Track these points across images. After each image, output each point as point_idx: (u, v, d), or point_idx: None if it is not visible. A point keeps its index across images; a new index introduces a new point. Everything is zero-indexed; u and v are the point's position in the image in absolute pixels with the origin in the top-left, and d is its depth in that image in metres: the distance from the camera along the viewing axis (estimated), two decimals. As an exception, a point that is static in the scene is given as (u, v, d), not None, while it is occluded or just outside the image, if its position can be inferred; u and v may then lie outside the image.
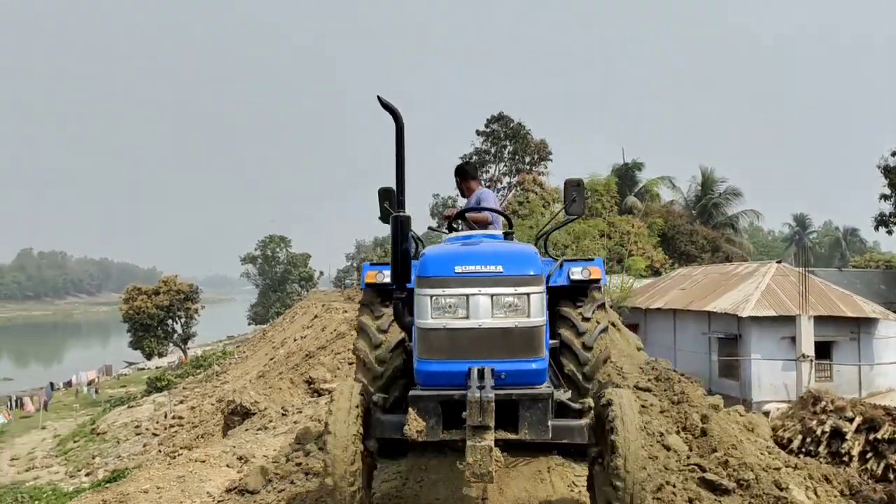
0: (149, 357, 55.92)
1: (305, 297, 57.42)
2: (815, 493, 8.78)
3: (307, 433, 7.78)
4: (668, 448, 8.01)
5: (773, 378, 25.78)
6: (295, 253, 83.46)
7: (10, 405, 44.27)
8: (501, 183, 49.28)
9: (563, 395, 5.03)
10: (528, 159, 48.89)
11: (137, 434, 29.16)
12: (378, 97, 4.81)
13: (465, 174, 7.29)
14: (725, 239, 50.64)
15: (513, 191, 48.46)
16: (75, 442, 32.28)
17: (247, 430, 9.92)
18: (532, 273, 4.65)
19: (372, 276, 5.49)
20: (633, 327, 36.01)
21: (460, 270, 4.57)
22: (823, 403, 17.74)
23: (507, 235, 5.88)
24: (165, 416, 28.22)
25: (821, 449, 17.00)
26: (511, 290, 4.55)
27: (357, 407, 4.67)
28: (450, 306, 4.56)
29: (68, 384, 53.66)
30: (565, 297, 5.51)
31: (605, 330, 5.52)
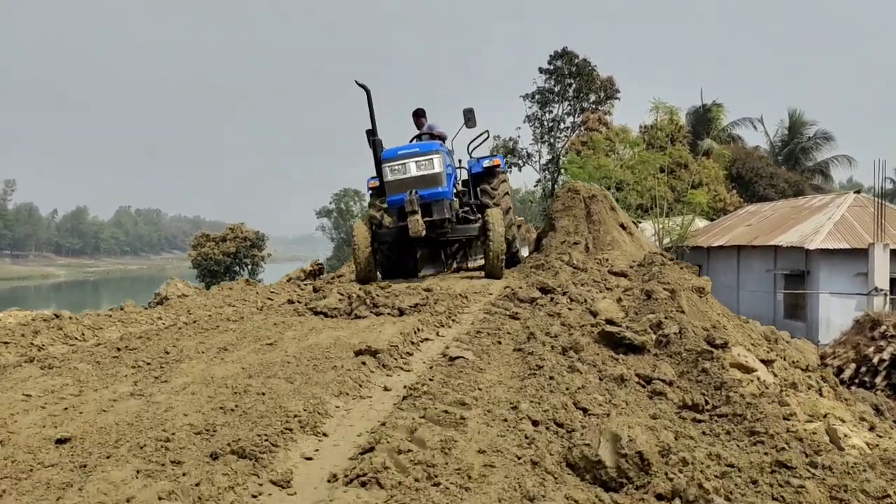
0: (216, 302, 56.80)
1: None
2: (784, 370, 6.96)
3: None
4: (594, 314, 6.34)
5: (843, 317, 22.79)
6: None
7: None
8: (564, 123, 46.63)
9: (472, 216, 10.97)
10: (592, 98, 45.90)
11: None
12: (355, 80, 9.76)
13: (418, 115, 11.50)
14: (811, 185, 46.37)
15: (576, 131, 45.84)
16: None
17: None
18: (433, 150, 9.96)
19: (372, 183, 11.20)
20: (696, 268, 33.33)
21: (400, 153, 9.91)
22: (884, 328, 15.25)
23: (434, 138, 10.96)
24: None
25: (878, 380, 14.59)
26: (423, 158, 9.80)
27: (368, 226, 10.33)
28: (397, 169, 9.79)
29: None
30: (482, 176, 11.77)
31: (503, 182, 11.80)
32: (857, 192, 27.52)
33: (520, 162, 47.52)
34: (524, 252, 15.19)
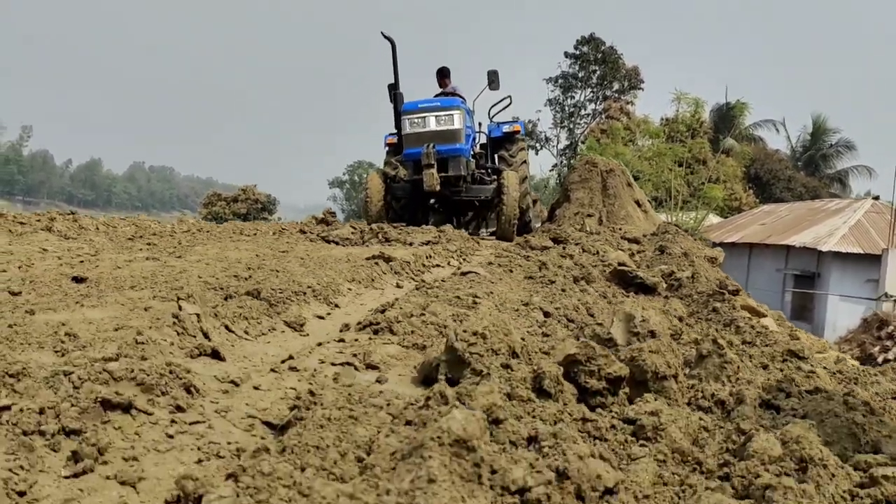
0: (223, 260, 57.36)
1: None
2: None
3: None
4: (604, 262, 6.35)
5: (850, 321, 22.67)
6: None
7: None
8: (585, 109, 46.37)
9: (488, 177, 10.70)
10: (616, 86, 45.56)
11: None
12: (381, 32, 10.08)
13: (442, 74, 11.28)
14: (829, 193, 45.97)
15: (597, 118, 45.57)
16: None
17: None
18: (454, 105, 9.88)
19: (390, 140, 10.80)
20: (706, 265, 33.23)
21: (421, 106, 9.82)
22: (891, 328, 15.13)
23: (456, 96, 10.77)
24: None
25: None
26: (443, 112, 9.73)
27: (381, 179, 10.16)
28: (416, 122, 9.74)
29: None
30: (501, 141, 11.27)
31: (522, 149, 11.16)
32: (876, 198, 27.24)
33: (537, 145, 47.32)
34: (537, 225, 15.17)
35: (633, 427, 1.45)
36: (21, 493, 0.98)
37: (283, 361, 1.88)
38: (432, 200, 10.92)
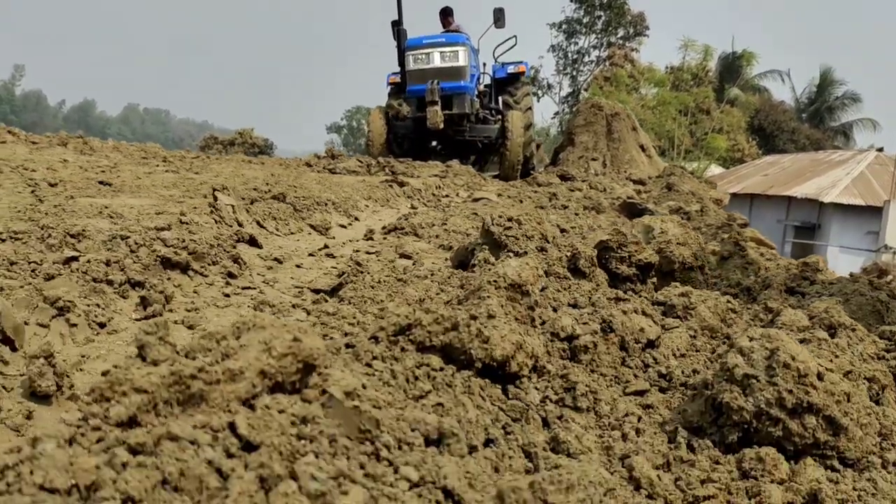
0: (220, 202, 57.35)
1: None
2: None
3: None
4: (612, 197, 6.44)
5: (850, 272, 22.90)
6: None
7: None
8: (589, 56, 45.65)
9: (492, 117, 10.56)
10: (621, 32, 44.82)
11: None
12: None
13: (445, 14, 11.02)
14: (833, 146, 45.72)
15: (601, 66, 44.93)
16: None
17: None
18: (459, 42, 9.84)
19: (393, 79, 10.50)
20: (705, 216, 33.28)
21: (426, 42, 9.76)
22: (889, 278, 15.20)
23: (461, 34, 10.41)
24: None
25: (874, 327, 14.68)
26: (448, 49, 9.66)
27: (383, 117, 9.91)
28: (420, 58, 9.63)
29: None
30: (506, 83, 11.01)
31: (527, 94, 10.98)
32: (880, 150, 27.11)
33: (539, 92, 46.78)
34: (540, 170, 15.19)
35: (663, 308, 1.51)
36: (101, 325, 1.04)
37: (319, 249, 1.94)
38: (434, 142, 10.83)
